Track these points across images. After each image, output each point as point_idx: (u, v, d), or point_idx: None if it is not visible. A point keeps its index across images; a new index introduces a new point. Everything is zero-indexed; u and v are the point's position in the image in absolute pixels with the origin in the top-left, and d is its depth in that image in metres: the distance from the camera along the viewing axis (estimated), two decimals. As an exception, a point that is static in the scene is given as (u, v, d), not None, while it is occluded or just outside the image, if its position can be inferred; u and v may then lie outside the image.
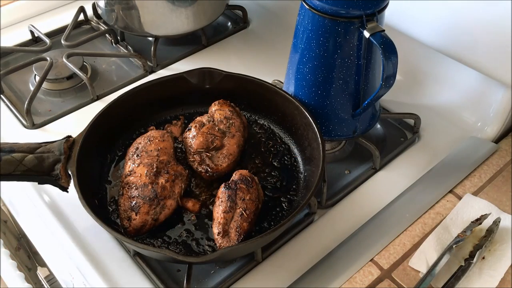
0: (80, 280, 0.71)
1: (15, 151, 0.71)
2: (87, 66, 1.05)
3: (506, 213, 0.75)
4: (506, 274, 0.68)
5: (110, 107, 0.80)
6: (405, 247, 0.72)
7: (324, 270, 0.70)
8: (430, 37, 0.86)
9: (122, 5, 1.00)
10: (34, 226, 0.81)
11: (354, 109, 0.78)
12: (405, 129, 0.91)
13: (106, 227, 0.65)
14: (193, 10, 1.02)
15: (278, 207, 0.75)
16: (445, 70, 0.92)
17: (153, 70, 1.05)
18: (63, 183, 0.72)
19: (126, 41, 1.11)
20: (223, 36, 1.13)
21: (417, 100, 0.96)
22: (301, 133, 0.81)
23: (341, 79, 0.75)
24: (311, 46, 0.74)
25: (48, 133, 0.92)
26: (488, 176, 0.81)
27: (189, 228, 0.73)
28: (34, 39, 1.12)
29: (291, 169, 0.80)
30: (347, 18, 0.69)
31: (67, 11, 1.19)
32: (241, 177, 0.72)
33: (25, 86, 1.02)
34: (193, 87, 0.86)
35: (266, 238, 0.66)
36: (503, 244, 0.71)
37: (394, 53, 0.67)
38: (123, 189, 0.72)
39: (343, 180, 0.83)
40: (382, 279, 0.69)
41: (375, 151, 0.83)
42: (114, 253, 0.74)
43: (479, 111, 0.90)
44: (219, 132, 0.79)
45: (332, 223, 0.77)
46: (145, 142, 0.77)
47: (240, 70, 0.86)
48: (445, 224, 0.74)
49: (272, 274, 0.71)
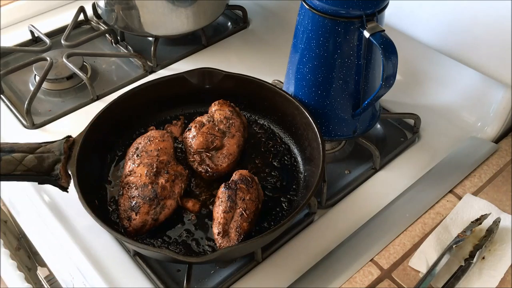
0: (80, 280, 0.71)
1: (15, 151, 0.71)
2: (87, 66, 1.05)
3: (506, 213, 0.75)
4: (506, 274, 0.68)
5: (110, 107, 0.80)
6: (405, 247, 0.72)
7: (324, 270, 0.70)
8: (430, 37, 0.86)
9: (122, 5, 1.00)
10: (34, 226, 0.81)
11: (354, 109, 0.78)
12: (405, 129, 0.91)
13: (106, 227, 0.65)
14: (193, 10, 1.02)
15: (278, 207, 0.75)
16: (445, 70, 0.92)
17: (153, 70, 1.05)
18: (63, 183, 0.72)
19: (126, 41, 1.11)
20: (223, 36, 1.13)
21: (417, 100, 0.96)
22: (301, 133, 0.81)
23: (341, 79, 0.75)
24: (311, 46, 0.74)
25: (48, 133, 0.92)
26: (488, 176, 0.81)
27: (189, 228, 0.73)
28: (34, 39, 1.12)
29: (291, 169, 0.80)
30: (347, 18, 0.69)
31: (67, 11, 1.19)
32: (241, 177, 0.72)
33: (25, 86, 1.02)
34: (193, 87, 0.86)
35: (266, 238, 0.66)
36: (503, 244, 0.71)
37: (394, 53, 0.67)
38: (123, 189, 0.72)
39: (343, 180, 0.83)
40: (382, 279, 0.69)
41: (375, 151, 0.83)
42: (114, 253, 0.74)
43: (479, 111, 0.90)
44: (219, 132, 0.79)
45: (332, 223, 0.77)
46: (145, 142, 0.77)
47: (240, 70, 0.86)
48: (445, 224, 0.74)
49: (272, 274, 0.71)
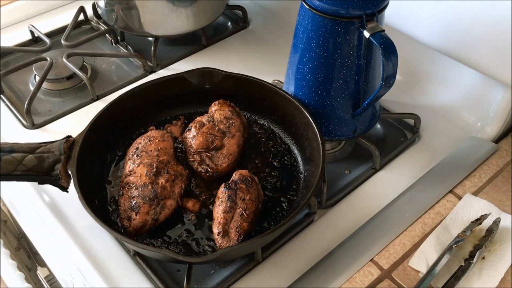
0: (80, 280, 0.71)
1: (15, 151, 0.71)
2: (87, 66, 1.05)
3: (506, 213, 0.75)
4: (506, 274, 0.68)
5: (110, 107, 0.80)
6: (405, 247, 0.72)
7: (324, 270, 0.70)
8: (430, 37, 0.86)
9: (122, 5, 1.00)
10: (34, 226, 0.81)
11: (354, 109, 0.78)
12: (405, 129, 0.91)
13: (106, 227, 0.64)
14: (193, 10, 1.02)
15: (278, 207, 0.75)
16: (445, 70, 0.92)
17: (153, 70, 1.05)
18: (63, 183, 0.72)
19: (126, 41, 1.11)
20: (223, 36, 1.13)
21: (417, 100, 0.96)
22: (301, 133, 0.81)
23: (341, 79, 0.75)
24: (311, 46, 0.74)
25: (48, 133, 0.92)
26: (488, 176, 0.81)
27: (189, 228, 0.73)
28: (34, 39, 1.12)
29: (291, 169, 0.80)
30: (347, 18, 0.69)
31: (67, 11, 1.19)
32: (241, 177, 0.72)
33: (25, 86, 1.02)
34: (193, 87, 0.86)
35: (266, 238, 0.66)
36: (503, 244, 0.71)
37: (394, 53, 0.67)
38: (123, 189, 0.72)
39: (343, 180, 0.83)
40: (382, 279, 0.69)
41: (375, 151, 0.83)
42: (114, 253, 0.74)
43: (479, 111, 0.90)
44: (219, 132, 0.79)
45: (332, 223, 0.77)
46: (145, 142, 0.77)
47: (240, 70, 0.86)
48: (445, 224, 0.74)
49: (272, 274, 0.71)
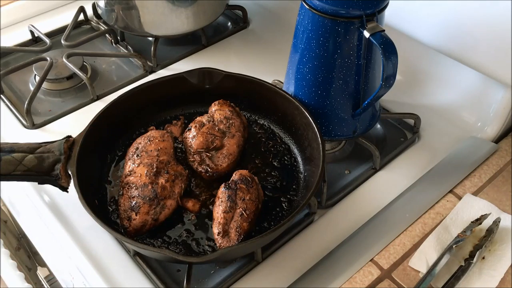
0: (80, 280, 0.71)
1: (15, 151, 0.71)
2: (87, 66, 1.05)
3: (506, 213, 0.75)
4: (506, 274, 0.68)
5: (110, 107, 0.80)
6: (405, 247, 0.72)
7: (324, 270, 0.70)
8: (430, 37, 0.86)
9: (122, 5, 1.00)
10: (34, 226, 0.81)
11: (354, 109, 0.78)
12: (405, 129, 0.91)
13: (106, 227, 0.65)
14: (193, 10, 1.02)
15: (278, 207, 0.75)
16: (445, 70, 0.92)
17: (153, 70, 1.05)
18: (63, 183, 0.72)
19: (126, 41, 1.11)
20: (223, 36, 1.13)
21: (417, 100, 0.96)
22: (301, 133, 0.81)
23: (341, 79, 0.75)
24: (311, 46, 0.74)
25: (48, 133, 0.92)
26: (488, 176, 0.81)
27: (189, 228, 0.73)
28: (34, 39, 1.12)
29: (291, 169, 0.80)
30: (347, 18, 0.69)
31: (67, 11, 1.19)
32: (241, 177, 0.72)
33: (25, 86, 1.02)
34: (193, 87, 0.86)
35: (266, 238, 0.66)
36: (503, 244, 0.71)
37: (394, 53, 0.67)
38: (123, 189, 0.72)
39: (343, 180, 0.83)
40: (382, 279, 0.69)
41: (375, 151, 0.83)
42: (114, 253, 0.74)
43: (479, 111, 0.90)
44: (219, 132, 0.79)
45: (332, 223, 0.77)
46: (145, 142, 0.77)
47: (240, 70, 0.86)
48: (445, 224, 0.74)
49: (272, 274, 0.71)
